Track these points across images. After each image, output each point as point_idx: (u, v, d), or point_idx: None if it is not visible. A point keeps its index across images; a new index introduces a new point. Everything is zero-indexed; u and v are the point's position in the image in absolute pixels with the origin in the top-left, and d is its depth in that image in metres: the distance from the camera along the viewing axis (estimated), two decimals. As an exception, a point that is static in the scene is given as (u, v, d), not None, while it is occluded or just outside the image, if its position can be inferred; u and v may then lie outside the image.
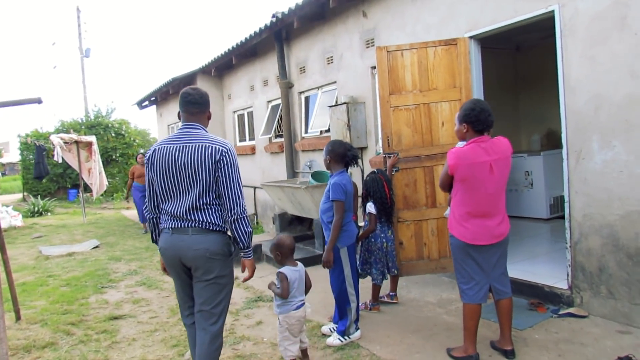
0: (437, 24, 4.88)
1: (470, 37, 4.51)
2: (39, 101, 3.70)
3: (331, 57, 6.70)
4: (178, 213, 2.59)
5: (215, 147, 2.55)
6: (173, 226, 2.62)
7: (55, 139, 12.14)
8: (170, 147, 2.60)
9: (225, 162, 2.54)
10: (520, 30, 6.28)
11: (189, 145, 2.57)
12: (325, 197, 3.64)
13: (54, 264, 7.25)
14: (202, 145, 2.56)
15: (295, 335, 3.20)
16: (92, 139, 13.06)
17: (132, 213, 13.28)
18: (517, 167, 7.04)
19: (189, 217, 2.58)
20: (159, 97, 12.82)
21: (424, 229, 4.53)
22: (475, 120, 3.03)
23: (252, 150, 9.47)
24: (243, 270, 2.78)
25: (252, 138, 9.76)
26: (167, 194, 2.63)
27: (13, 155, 32.99)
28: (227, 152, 2.56)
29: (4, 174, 35.83)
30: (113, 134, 19.76)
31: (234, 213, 2.56)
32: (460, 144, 3.27)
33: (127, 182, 10.66)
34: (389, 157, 4.47)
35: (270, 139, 8.84)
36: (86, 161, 13.07)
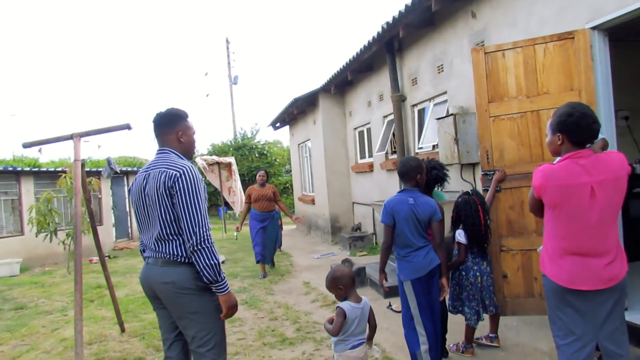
0: (552, 16, 4.11)
1: (593, 28, 3.67)
2: (128, 127, 3.94)
3: (441, 65, 6.16)
4: (149, 244, 2.46)
5: (168, 172, 2.33)
6: (149, 255, 2.49)
7: (199, 160, 13.39)
8: (141, 175, 2.48)
9: (178, 187, 2.29)
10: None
11: (151, 173, 2.42)
12: None
13: (180, 276, 7.79)
14: (158, 172, 2.37)
15: (351, 377, 2.81)
16: (231, 159, 14.11)
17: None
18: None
19: (157, 249, 2.41)
20: (287, 118, 13.28)
21: (533, 261, 3.78)
22: (574, 129, 2.34)
23: (370, 167, 9.19)
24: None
25: (371, 155, 9.50)
26: (140, 224, 2.53)
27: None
28: (182, 176, 2.31)
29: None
30: (257, 154, 21.26)
31: (192, 244, 2.27)
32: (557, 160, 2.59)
33: (243, 209, 8.21)
34: (488, 175, 3.85)
35: (386, 155, 8.47)
36: (227, 180, 14.16)
